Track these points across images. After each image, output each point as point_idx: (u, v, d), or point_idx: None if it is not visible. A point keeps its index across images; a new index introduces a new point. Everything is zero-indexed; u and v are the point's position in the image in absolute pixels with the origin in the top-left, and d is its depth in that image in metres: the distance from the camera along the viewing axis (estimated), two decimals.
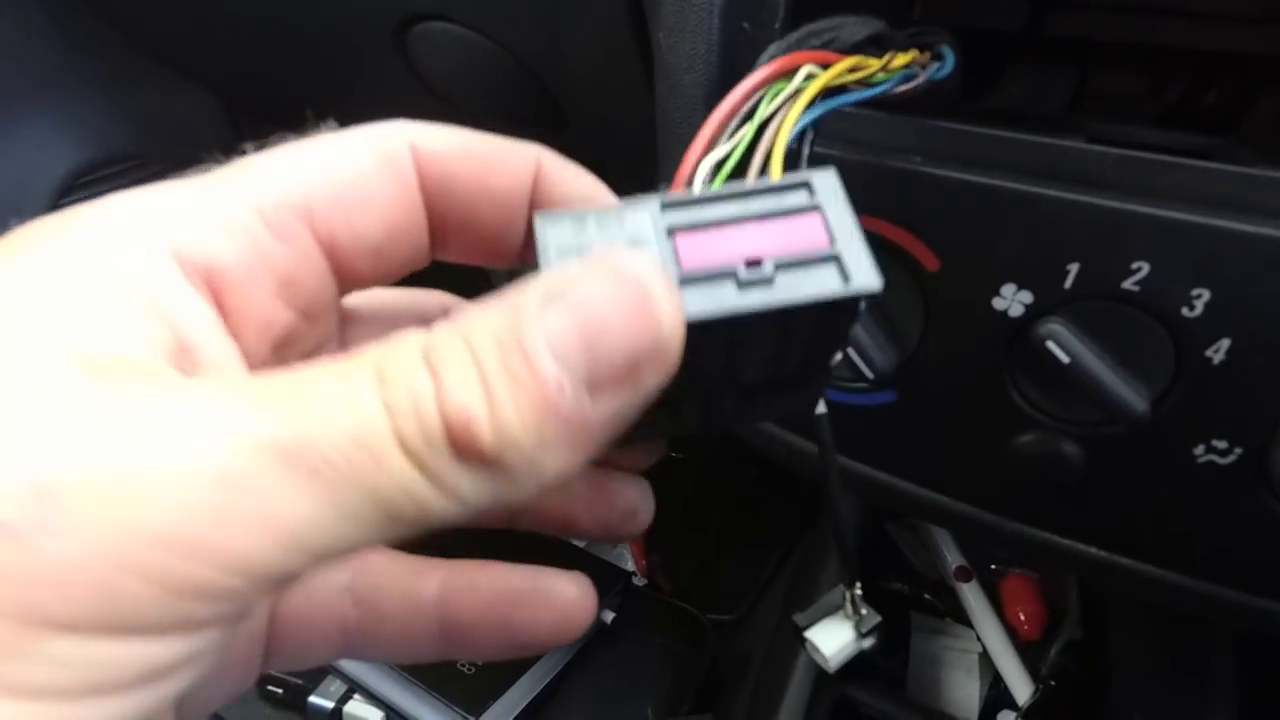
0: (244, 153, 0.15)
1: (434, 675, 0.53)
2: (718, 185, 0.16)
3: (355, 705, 0.54)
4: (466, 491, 0.13)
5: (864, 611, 0.25)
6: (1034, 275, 0.23)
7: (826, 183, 0.14)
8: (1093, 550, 0.29)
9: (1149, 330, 0.23)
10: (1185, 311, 0.22)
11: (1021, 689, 0.55)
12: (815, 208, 0.14)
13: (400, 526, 0.13)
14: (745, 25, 0.23)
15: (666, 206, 0.14)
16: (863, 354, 0.26)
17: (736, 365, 0.15)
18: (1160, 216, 0.22)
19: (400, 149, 0.16)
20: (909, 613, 0.59)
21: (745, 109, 0.17)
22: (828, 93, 0.18)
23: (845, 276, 0.13)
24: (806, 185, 0.14)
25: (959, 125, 0.24)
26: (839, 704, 0.45)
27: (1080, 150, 0.23)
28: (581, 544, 0.73)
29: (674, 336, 0.13)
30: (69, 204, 0.63)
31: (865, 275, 0.13)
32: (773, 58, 0.18)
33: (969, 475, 0.29)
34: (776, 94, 0.17)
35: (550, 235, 0.14)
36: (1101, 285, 0.23)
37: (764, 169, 0.16)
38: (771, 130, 0.16)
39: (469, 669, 0.53)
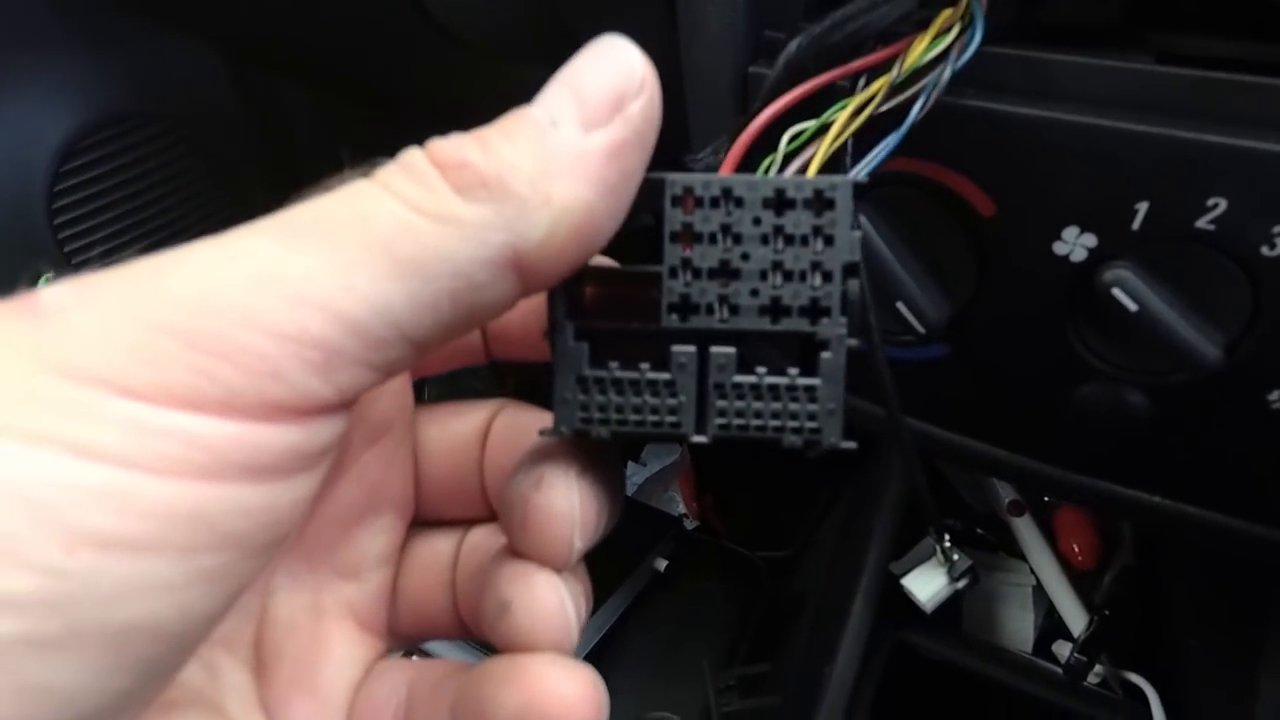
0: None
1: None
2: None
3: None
4: (468, 216, 0.13)
5: (955, 557, 0.25)
6: (1099, 217, 0.22)
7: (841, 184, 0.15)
8: (1158, 499, 0.28)
9: (1224, 272, 0.22)
10: (1265, 250, 0.21)
11: (1077, 619, 0.54)
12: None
13: (416, 272, 0.13)
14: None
15: None
16: (912, 306, 0.24)
17: (736, 274, 0.15)
18: (1239, 146, 0.20)
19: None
20: (964, 549, 0.59)
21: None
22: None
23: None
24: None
25: (1013, 50, 0.22)
26: (895, 646, 0.45)
27: (1150, 73, 0.21)
28: (631, 492, 0.74)
29: (646, 68, 0.14)
30: (72, 169, 0.63)
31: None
32: (789, 57, 0.17)
33: (1028, 429, 0.28)
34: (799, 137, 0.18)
35: None
36: (1173, 225, 0.21)
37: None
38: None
39: None
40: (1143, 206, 0.21)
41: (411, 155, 0.14)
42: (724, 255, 0.15)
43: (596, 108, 0.14)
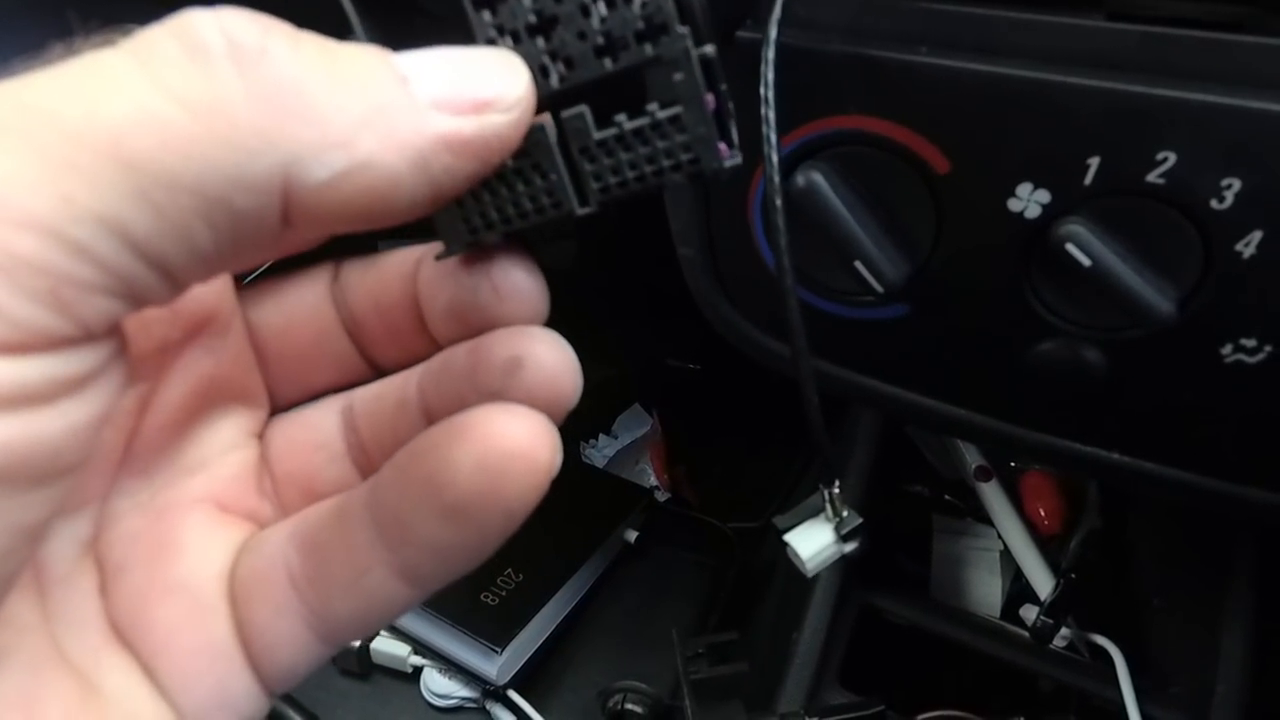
0: None
1: (458, 608, 0.54)
2: None
3: (382, 641, 0.56)
4: (245, 118, 0.11)
5: (845, 513, 0.24)
6: (1052, 172, 0.22)
7: None
8: (1116, 456, 0.28)
9: (1175, 226, 0.22)
10: (1214, 204, 0.21)
11: (1043, 583, 0.55)
12: None
13: (155, 182, 0.10)
14: None
15: None
16: (870, 266, 0.24)
17: (556, 21, 0.14)
18: (1188, 100, 0.20)
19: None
20: (930, 515, 0.60)
21: None
22: None
23: None
24: None
25: (967, 8, 0.22)
26: (863, 612, 0.46)
27: (1100, 29, 0.21)
28: (602, 465, 0.74)
29: (530, 99, 0.13)
30: None
31: None
32: None
33: (987, 386, 0.28)
34: None
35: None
36: (1125, 180, 0.21)
37: None
38: None
39: (492, 599, 0.54)
40: (1094, 161, 0.21)
41: (193, 20, 0.11)
42: (536, 6, 0.14)
43: (462, 95, 0.12)
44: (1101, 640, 0.51)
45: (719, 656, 0.43)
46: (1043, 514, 0.58)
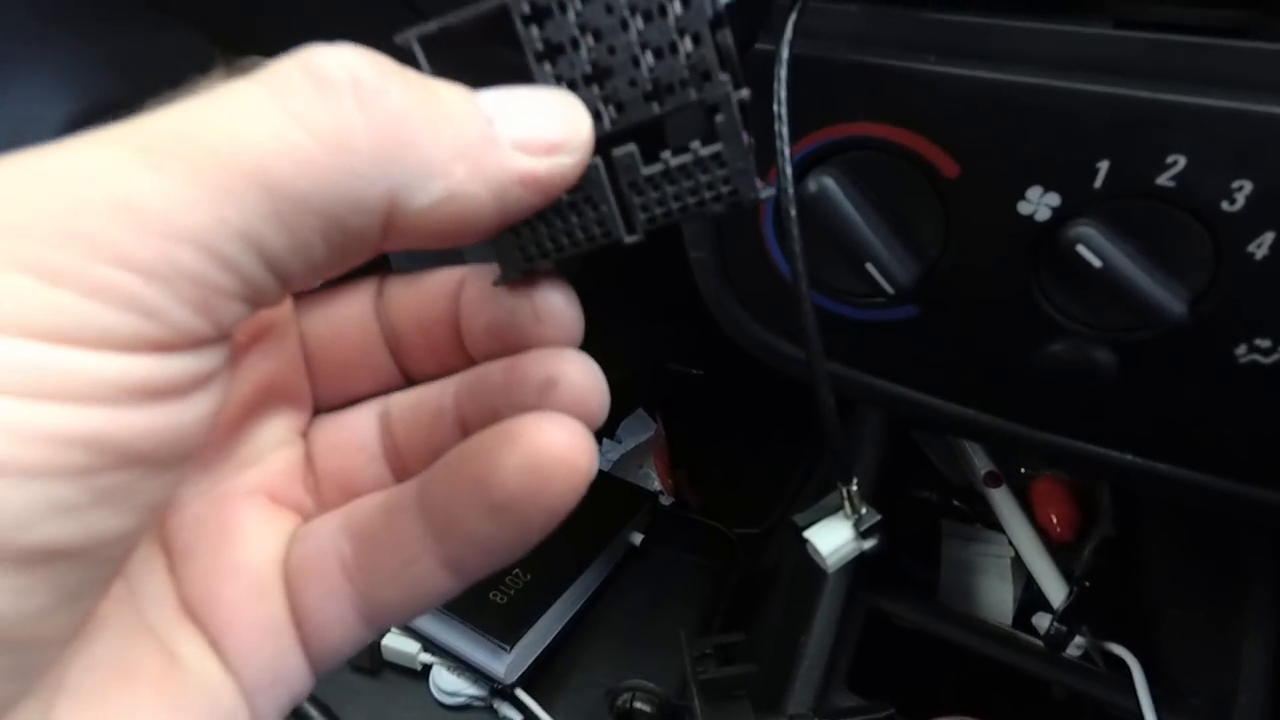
0: None
1: (467, 606, 0.54)
2: None
3: (393, 639, 0.56)
4: (366, 149, 0.12)
5: (863, 510, 0.24)
6: (1061, 176, 0.22)
7: None
8: (1128, 457, 0.28)
9: (1186, 228, 0.22)
10: (1225, 206, 0.21)
11: (1056, 591, 0.55)
12: None
13: (289, 203, 0.12)
14: None
15: None
16: (881, 268, 0.24)
17: (609, 70, 0.15)
18: (1196, 104, 0.20)
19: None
20: (939, 520, 0.60)
21: None
22: None
23: None
24: None
25: (974, 18, 0.22)
26: (871, 616, 0.46)
27: (1106, 36, 0.21)
28: (606, 468, 0.74)
29: (591, 140, 0.15)
30: None
31: None
32: None
33: (998, 387, 0.28)
34: None
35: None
36: (1134, 182, 0.21)
37: None
38: None
39: (501, 599, 0.55)
40: (1104, 165, 0.21)
41: (319, 57, 0.12)
42: (591, 57, 0.15)
43: (538, 137, 0.14)
44: (1117, 648, 0.51)
45: (726, 658, 0.43)
46: (1054, 521, 0.58)
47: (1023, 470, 0.61)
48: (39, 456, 0.11)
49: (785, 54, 0.20)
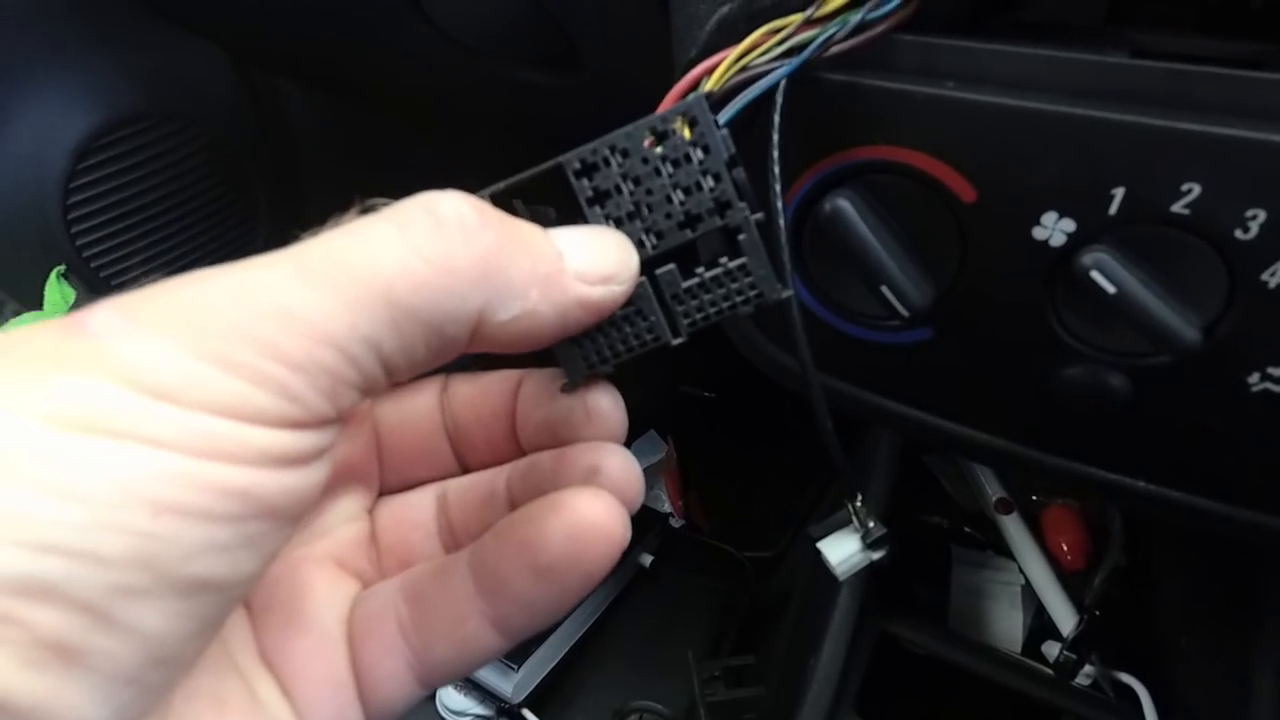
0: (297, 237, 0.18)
1: None
2: None
3: None
4: (467, 272, 0.15)
5: (870, 524, 0.25)
6: (1077, 202, 0.22)
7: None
8: (1141, 484, 0.28)
9: (1200, 255, 0.22)
10: (1239, 234, 0.21)
11: (1066, 619, 0.55)
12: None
13: (404, 314, 0.15)
14: None
15: None
16: (895, 290, 0.25)
17: (648, 207, 0.19)
18: (1212, 133, 0.20)
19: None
20: (950, 546, 0.59)
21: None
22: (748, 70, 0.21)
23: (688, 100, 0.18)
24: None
25: (992, 45, 0.22)
26: (880, 640, 0.45)
27: (1124, 66, 0.22)
28: None
29: (635, 271, 0.18)
30: (87, 168, 0.64)
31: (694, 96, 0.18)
32: (721, 18, 0.21)
33: (1010, 411, 0.28)
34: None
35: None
36: (1149, 209, 0.22)
37: None
38: None
39: None
40: (1119, 192, 0.22)
41: (437, 201, 0.16)
42: (633, 199, 0.18)
43: (597, 271, 0.17)
44: (1127, 678, 0.50)
45: (734, 680, 0.43)
46: (1066, 549, 0.58)
47: (1034, 498, 0.60)
48: (206, 503, 0.14)
49: (776, 138, 0.21)
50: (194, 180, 0.70)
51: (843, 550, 0.27)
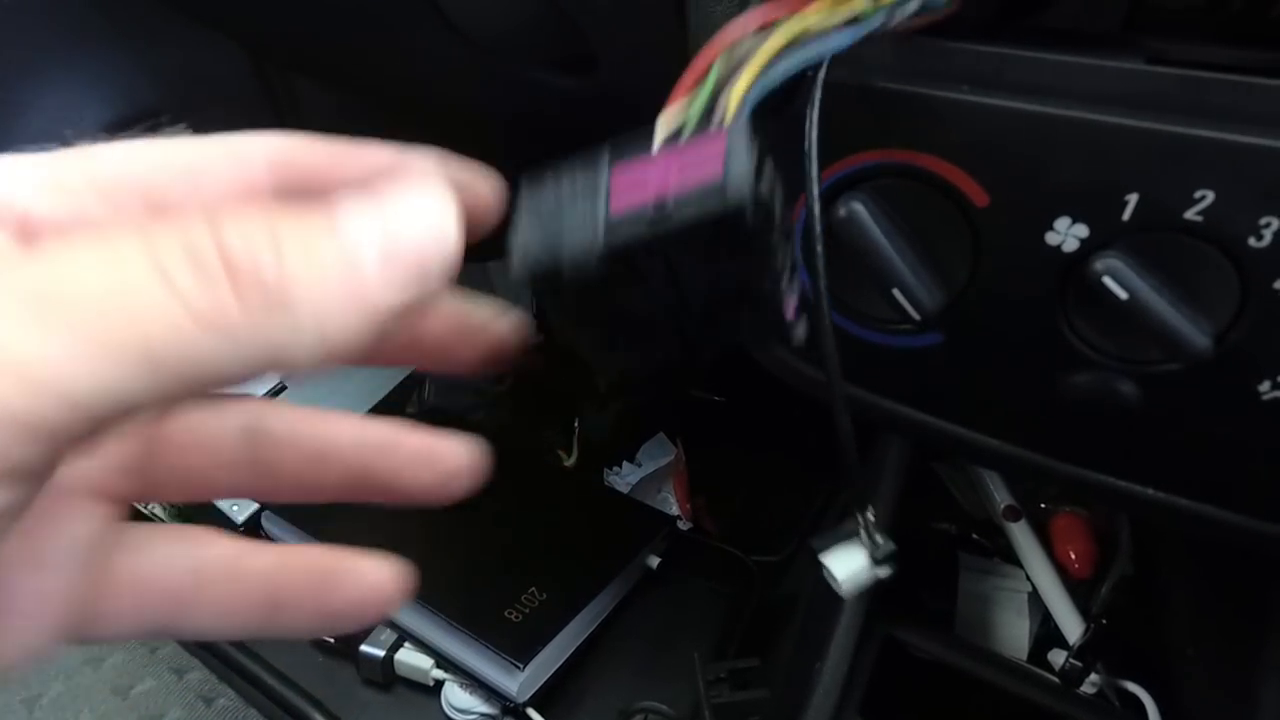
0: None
1: (482, 624, 0.54)
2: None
3: (406, 653, 0.56)
4: (241, 327, 0.13)
5: (879, 539, 0.25)
6: (1090, 207, 0.22)
7: (737, 131, 0.17)
8: (1150, 492, 0.28)
9: (1212, 262, 0.22)
10: (1253, 242, 0.21)
11: (1072, 627, 0.55)
12: (718, 138, 0.17)
13: (168, 372, 0.12)
14: None
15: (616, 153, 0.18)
16: (907, 293, 0.25)
17: (681, 284, 0.17)
18: (1226, 140, 0.20)
19: (252, 149, 0.17)
20: (957, 553, 0.59)
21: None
22: (804, 40, 0.19)
23: (723, 198, 0.16)
24: (717, 124, 0.17)
25: (1008, 49, 0.22)
26: (886, 645, 0.45)
27: (1139, 72, 0.22)
28: (626, 490, 0.74)
29: (458, 237, 0.15)
30: None
31: (735, 190, 0.16)
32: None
33: (1020, 417, 0.28)
34: (738, 53, 0.18)
35: (528, 198, 0.17)
36: (1162, 216, 0.22)
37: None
38: (723, 96, 0.18)
39: (516, 617, 0.55)
40: (1133, 198, 0.22)
41: (199, 243, 0.13)
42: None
43: (404, 269, 0.14)
44: (1133, 687, 0.50)
45: (740, 683, 0.43)
46: (1073, 557, 0.58)
47: (1043, 505, 0.60)
48: None
49: (814, 139, 0.21)
50: None
51: (849, 566, 0.26)
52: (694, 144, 0.17)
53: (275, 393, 0.74)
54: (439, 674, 0.56)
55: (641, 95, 0.44)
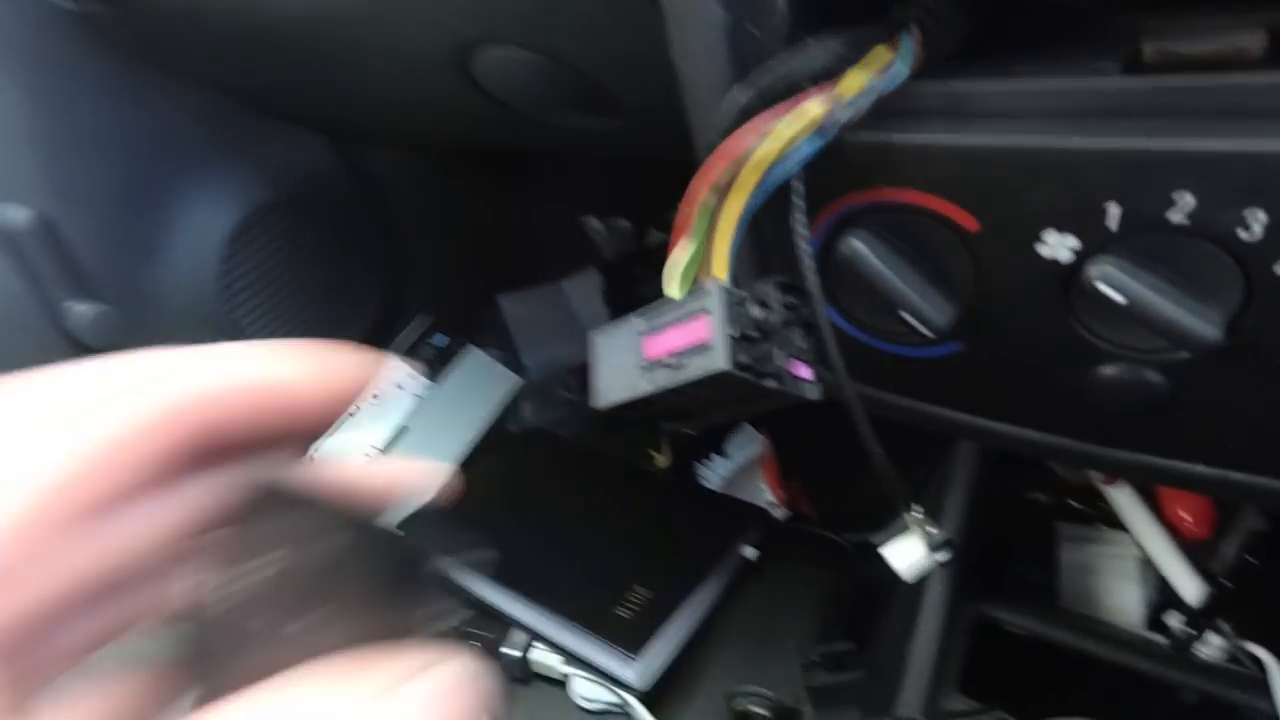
0: None
1: (597, 621, 0.59)
2: (674, 293, 0.24)
3: (538, 652, 0.62)
4: None
5: (931, 530, 0.28)
6: (1074, 221, 0.23)
7: (714, 291, 0.23)
8: (1200, 468, 0.29)
9: (1209, 255, 0.23)
10: (1242, 234, 0.22)
11: (1190, 590, 0.53)
12: (705, 312, 0.23)
13: None
14: (751, 29, 0.25)
15: (641, 318, 0.25)
16: (916, 314, 0.27)
17: (699, 399, 0.24)
18: (1195, 149, 0.21)
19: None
20: (1054, 523, 0.59)
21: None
22: (775, 162, 0.23)
23: (709, 360, 0.23)
24: (704, 295, 0.23)
25: (975, 83, 0.24)
26: (979, 623, 0.46)
27: (1107, 87, 0.23)
28: (717, 486, 0.77)
29: None
30: (239, 255, 0.75)
31: (717, 360, 0.22)
32: (735, 105, 0.22)
33: (1055, 409, 0.29)
34: (723, 185, 0.23)
35: (597, 349, 0.26)
36: (1147, 221, 0.23)
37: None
38: (714, 237, 0.23)
39: (627, 614, 0.59)
40: (1114, 209, 0.23)
41: None
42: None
43: None
44: (1257, 649, 0.49)
45: (836, 665, 0.45)
46: (1186, 518, 0.56)
47: None
48: None
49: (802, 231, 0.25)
50: (315, 248, 0.82)
51: (908, 556, 0.29)
52: (689, 314, 0.24)
53: (400, 431, 0.82)
54: (567, 669, 0.61)
55: (665, 121, 0.47)
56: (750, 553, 0.67)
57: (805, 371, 0.25)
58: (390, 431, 0.82)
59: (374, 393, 0.83)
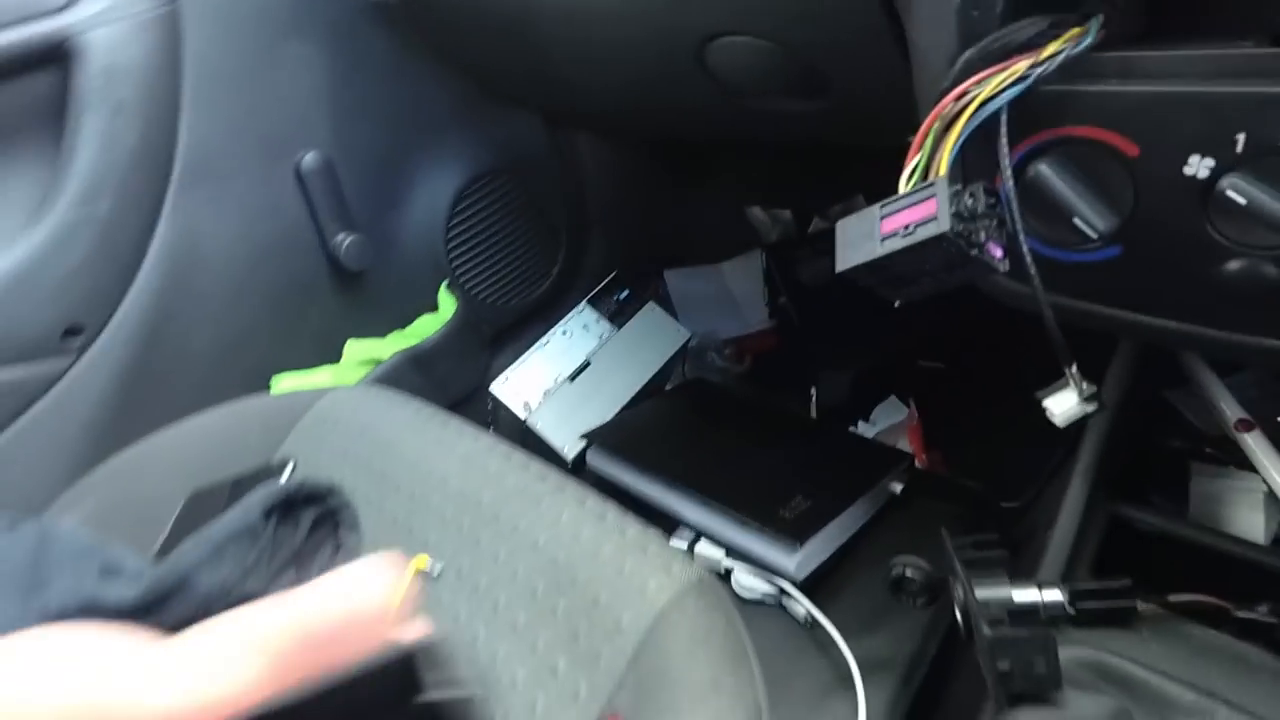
0: None
1: (764, 517, 0.68)
2: (905, 189, 0.35)
3: (703, 546, 0.72)
4: None
5: (1084, 385, 0.37)
6: (1211, 146, 0.33)
7: (941, 182, 0.34)
8: None
9: None
10: None
11: None
12: (933, 195, 0.34)
13: None
14: (974, 12, 0.36)
15: (879, 207, 0.36)
16: (1086, 221, 0.37)
17: (917, 266, 0.35)
18: None
19: None
20: (1188, 463, 0.65)
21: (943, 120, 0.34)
22: (989, 99, 0.34)
23: (935, 225, 0.33)
24: (933, 186, 0.34)
25: (1141, 51, 0.34)
26: (1113, 522, 0.54)
27: (1239, 54, 0.32)
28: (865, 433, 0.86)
29: None
30: (458, 212, 0.95)
31: (942, 224, 0.33)
32: (965, 61, 0.32)
33: (1193, 300, 0.39)
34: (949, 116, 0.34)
35: (841, 231, 0.36)
36: (1267, 146, 0.32)
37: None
38: (940, 150, 0.34)
39: (789, 514, 0.69)
40: (1241, 136, 0.32)
41: None
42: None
43: None
44: None
45: (984, 548, 0.54)
46: None
47: (1279, 419, 0.64)
48: None
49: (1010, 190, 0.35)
50: (518, 214, 0.99)
51: (1063, 404, 0.39)
52: (920, 199, 0.34)
53: (583, 365, 0.96)
54: (729, 562, 0.72)
55: (869, 105, 0.58)
56: (896, 487, 0.77)
57: (998, 251, 0.35)
58: (575, 365, 0.96)
59: (564, 330, 0.98)
